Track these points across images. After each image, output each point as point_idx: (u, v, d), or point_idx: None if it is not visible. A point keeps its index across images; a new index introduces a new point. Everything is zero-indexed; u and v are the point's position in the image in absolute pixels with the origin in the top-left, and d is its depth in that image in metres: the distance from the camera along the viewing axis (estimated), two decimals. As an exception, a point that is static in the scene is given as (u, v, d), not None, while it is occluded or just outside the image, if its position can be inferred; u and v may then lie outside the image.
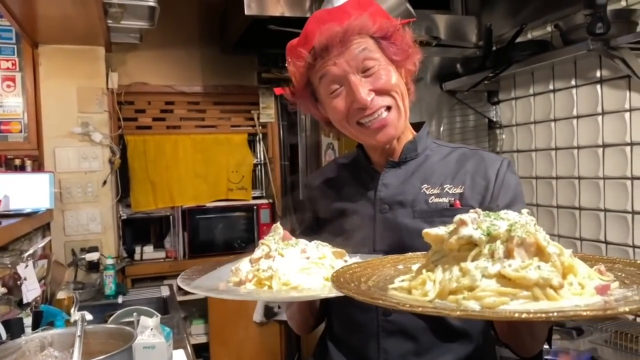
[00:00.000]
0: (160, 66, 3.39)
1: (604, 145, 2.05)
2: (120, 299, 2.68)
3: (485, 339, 1.04)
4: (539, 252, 0.62)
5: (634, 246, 1.95)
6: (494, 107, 2.65)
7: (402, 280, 0.71)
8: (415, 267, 0.73)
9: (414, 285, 0.68)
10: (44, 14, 2.42)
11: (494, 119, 2.64)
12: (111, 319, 2.47)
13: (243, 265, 0.87)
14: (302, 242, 0.91)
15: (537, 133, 2.40)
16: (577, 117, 2.17)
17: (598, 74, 2.06)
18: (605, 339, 1.73)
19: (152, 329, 1.31)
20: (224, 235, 3.45)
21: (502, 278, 0.61)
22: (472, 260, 0.64)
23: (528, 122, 2.44)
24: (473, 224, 0.66)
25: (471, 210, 0.69)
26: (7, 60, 2.92)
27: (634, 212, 1.95)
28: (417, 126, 1.12)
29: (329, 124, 1.09)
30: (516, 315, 0.54)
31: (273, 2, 2.40)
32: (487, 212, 0.69)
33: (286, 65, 1.03)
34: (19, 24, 2.51)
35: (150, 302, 2.72)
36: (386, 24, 0.98)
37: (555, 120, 2.29)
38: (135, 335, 1.16)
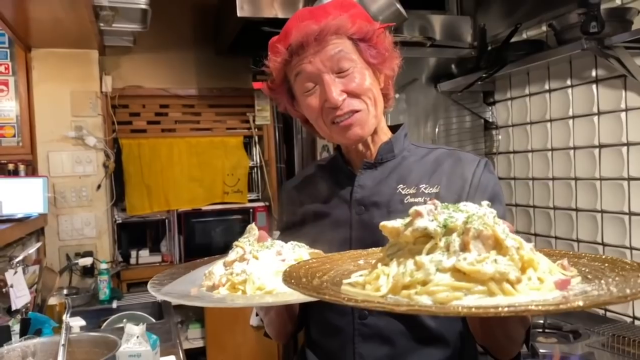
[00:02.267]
0: (154, 69, 3.37)
1: (600, 146, 2.03)
2: (114, 304, 2.67)
3: (464, 343, 1.02)
4: (497, 245, 0.60)
5: (631, 248, 1.92)
6: (490, 107, 2.63)
7: (360, 275, 0.68)
8: None
9: (369, 280, 0.65)
10: (35, 18, 2.41)
11: (490, 120, 2.62)
12: (105, 324, 2.45)
13: (217, 268, 0.84)
14: (278, 243, 0.88)
15: (533, 134, 2.38)
16: (573, 117, 2.15)
17: (593, 73, 2.04)
18: (602, 343, 1.71)
19: (137, 337, 1.28)
20: (220, 238, 3.42)
21: (457, 272, 0.58)
22: (428, 254, 0.61)
23: (524, 122, 2.42)
24: (429, 215, 0.63)
25: (429, 202, 0.66)
26: (0, 65, 2.90)
27: (630, 214, 1.92)
28: (395, 129, 1.11)
29: (306, 122, 1.08)
30: (464, 310, 0.51)
31: (266, 4, 2.38)
32: (445, 204, 0.66)
33: (266, 60, 1.03)
34: (11, 28, 2.49)
35: (145, 306, 2.70)
36: (365, 27, 0.98)
37: (551, 120, 2.26)
38: (119, 343, 1.13)
